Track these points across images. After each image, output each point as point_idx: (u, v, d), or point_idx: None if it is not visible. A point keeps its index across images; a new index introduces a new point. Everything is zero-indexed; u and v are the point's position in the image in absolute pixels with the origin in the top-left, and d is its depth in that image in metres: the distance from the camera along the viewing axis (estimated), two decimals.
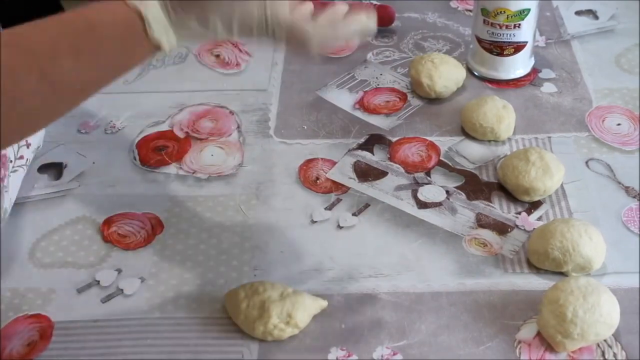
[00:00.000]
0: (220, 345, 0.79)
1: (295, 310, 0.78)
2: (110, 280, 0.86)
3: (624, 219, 0.90)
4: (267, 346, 0.79)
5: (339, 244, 0.89)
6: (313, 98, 1.08)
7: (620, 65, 1.12)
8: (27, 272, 0.87)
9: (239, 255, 0.88)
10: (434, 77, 1.05)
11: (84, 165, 1.00)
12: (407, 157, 0.99)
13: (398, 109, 1.06)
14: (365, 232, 0.90)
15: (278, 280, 0.84)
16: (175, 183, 0.97)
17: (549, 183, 0.90)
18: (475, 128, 1.00)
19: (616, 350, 0.77)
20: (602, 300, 0.76)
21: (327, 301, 0.82)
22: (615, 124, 1.02)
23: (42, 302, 0.84)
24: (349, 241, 0.89)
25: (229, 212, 0.93)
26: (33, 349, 0.79)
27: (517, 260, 0.86)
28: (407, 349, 0.78)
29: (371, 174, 0.97)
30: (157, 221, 0.92)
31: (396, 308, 0.82)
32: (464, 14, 1.23)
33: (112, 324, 0.82)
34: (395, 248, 0.88)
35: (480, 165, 0.98)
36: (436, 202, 0.93)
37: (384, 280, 0.85)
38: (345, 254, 0.88)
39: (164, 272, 0.87)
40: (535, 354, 0.77)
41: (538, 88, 1.09)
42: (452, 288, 0.83)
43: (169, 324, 0.81)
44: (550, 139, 1.00)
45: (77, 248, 0.89)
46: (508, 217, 0.91)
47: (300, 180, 0.96)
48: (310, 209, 0.93)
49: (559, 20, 1.20)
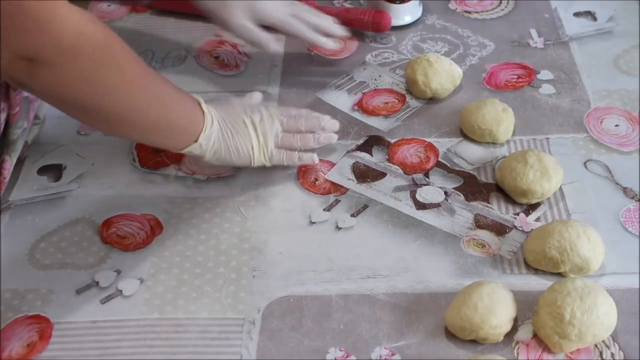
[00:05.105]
0: (219, 346, 0.80)
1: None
2: (110, 281, 0.86)
3: (622, 220, 0.90)
4: (265, 347, 0.79)
5: (338, 245, 0.89)
6: (312, 99, 1.09)
7: (618, 66, 1.12)
8: (26, 273, 0.87)
9: (238, 256, 0.88)
10: (429, 74, 1.05)
11: (83, 166, 1.00)
12: (405, 159, 0.99)
13: (397, 110, 1.07)
14: (364, 233, 0.90)
15: (276, 281, 0.85)
16: (175, 184, 0.97)
17: (546, 186, 0.91)
18: (473, 130, 1.00)
19: (614, 350, 0.77)
20: (599, 302, 0.76)
21: (326, 302, 0.82)
22: (613, 125, 1.02)
23: (41, 303, 0.84)
24: (347, 242, 0.89)
25: (227, 213, 0.93)
26: (32, 350, 0.80)
27: (515, 261, 0.86)
28: (405, 349, 0.78)
29: (370, 175, 0.97)
30: (156, 222, 0.92)
31: (394, 309, 0.82)
32: (463, 15, 1.23)
33: (111, 324, 0.82)
34: (394, 249, 0.88)
35: (478, 167, 0.98)
36: (435, 203, 0.93)
37: (383, 281, 0.85)
38: (343, 255, 0.88)
39: (162, 273, 0.87)
40: (533, 354, 0.77)
41: (536, 89, 1.09)
42: (450, 289, 0.83)
43: (168, 325, 0.82)
44: (548, 140, 1.01)
45: (76, 249, 0.90)
46: (506, 218, 0.91)
47: (299, 182, 0.97)
48: (308, 210, 0.93)
49: (558, 22, 1.21)
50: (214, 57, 1.17)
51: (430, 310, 0.82)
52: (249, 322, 0.82)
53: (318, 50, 1.16)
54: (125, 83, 0.78)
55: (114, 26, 1.23)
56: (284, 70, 1.14)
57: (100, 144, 1.03)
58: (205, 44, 1.19)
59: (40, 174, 0.99)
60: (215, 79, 1.13)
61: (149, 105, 0.82)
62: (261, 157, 0.92)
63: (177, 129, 0.87)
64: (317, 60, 1.16)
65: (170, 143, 0.89)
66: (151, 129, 0.85)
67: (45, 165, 1.00)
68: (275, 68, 1.15)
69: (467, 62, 1.14)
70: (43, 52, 0.70)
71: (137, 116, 0.82)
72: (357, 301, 0.83)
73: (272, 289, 0.85)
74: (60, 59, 0.71)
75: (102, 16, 1.26)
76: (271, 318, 0.82)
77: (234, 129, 0.90)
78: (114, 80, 0.77)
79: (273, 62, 1.16)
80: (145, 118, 0.83)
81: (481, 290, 0.78)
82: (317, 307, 0.83)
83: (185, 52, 1.18)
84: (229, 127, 0.90)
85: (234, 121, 0.91)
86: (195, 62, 1.17)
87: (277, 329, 0.81)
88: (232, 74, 1.14)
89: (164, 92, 0.85)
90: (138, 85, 0.81)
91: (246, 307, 0.83)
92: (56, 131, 1.03)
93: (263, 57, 1.16)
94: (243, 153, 0.91)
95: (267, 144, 0.92)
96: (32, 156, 1.00)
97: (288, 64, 1.15)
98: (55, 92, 0.75)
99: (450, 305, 0.80)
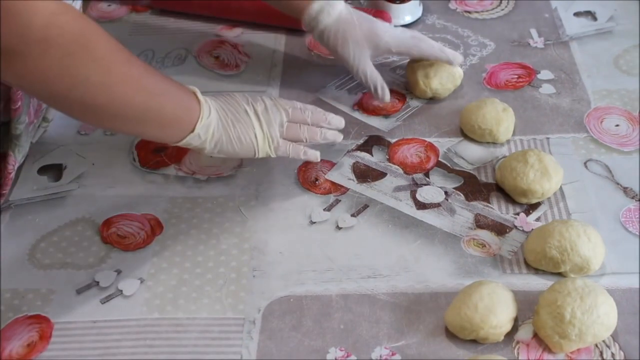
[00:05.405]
0: (219, 346, 0.80)
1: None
2: (110, 281, 0.86)
3: (622, 220, 0.90)
4: (265, 346, 0.79)
5: (338, 245, 0.89)
6: (312, 99, 1.09)
7: (618, 66, 1.12)
8: (26, 273, 0.87)
9: (238, 256, 0.88)
10: (430, 73, 1.05)
11: (83, 166, 1.00)
12: (405, 158, 0.99)
13: (397, 110, 1.07)
14: (364, 233, 0.90)
15: (276, 281, 0.85)
16: (175, 184, 0.97)
17: (546, 185, 0.91)
18: (473, 130, 1.00)
19: (614, 350, 0.77)
20: (600, 302, 0.76)
21: (326, 302, 0.82)
22: (613, 125, 1.02)
23: (41, 303, 0.84)
24: (347, 242, 0.89)
25: (228, 213, 0.93)
26: (32, 350, 0.80)
27: (515, 261, 0.86)
28: (405, 349, 0.78)
29: (370, 175, 0.97)
30: (156, 222, 0.92)
31: (395, 308, 0.82)
32: (463, 15, 1.23)
33: (111, 324, 0.82)
34: (394, 249, 0.88)
35: (478, 167, 0.98)
36: (435, 203, 0.93)
37: (383, 280, 0.85)
38: (344, 255, 0.88)
39: (163, 273, 0.87)
40: (533, 354, 0.77)
41: (537, 89, 1.09)
42: (450, 289, 0.83)
43: (168, 325, 0.82)
44: (548, 140, 1.01)
45: (76, 249, 0.90)
46: (506, 218, 0.91)
47: (299, 181, 0.97)
48: (309, 210, 0.93)
49: (558, 22, 1.21)
50: (214, 57, 1.17)
51: (431, 310, 0.82)
52: (249, 321, 0.82)
53: (319, 50, 1.16)
54: (103, 74, 0.76)
55: (114, 26, 1.23)
56: (284, 70, 1.14)
57: (100, 143, 1.03)
58: (205, 44, 1.19)
59: (41, 173, 0.99)
60: (215, 78, 1.13)
61: (132, 95, 0.79)
62: (266, 146, 0.90)
63: (168, 118, 0.84)
64: (317, 60, 1.16)
65: (165, 134, 0.86)
66: (140, 120, 0.82)
67: (45, 165, 1.00)
68: (275, 68, 1.15)
69: (467, 62, 1.14)
70: (13, 44, 0.69)
71: (120, 107, 0.79)
72: (358, 301, 0.83)
73: (273, 289, 0.85)
74: (30, 50, 0.70)
75: (102, 16, 1.26)
76: (271, 318, 0.82)
77: (235, 118, 0.89)
78: (89, 71, 0.75)
79: (273, 62, 1.16)
80: (130, 108, 0.80)
81: (481, 290, 0.78)
82: (317, 307, 0.83)
83: (185, 52, 1.18)
84: (229, 116, 0.88)
85: (234, 110, 0.89)
86: (195, 62, 1.17)
87: (278, 328, 0.81)
88: (232, 74, 1.14)
89: (150, 82, 0.82)
90: (118, 75, 0.78)
91: (246, 307, 0.83)
92: (56, 131, 1.03)
93: (263, 57, 1.16)
94: (246, 143, 0.89)
95: (272, 133, 0.90)
96: (32, 156, 1.00)
97: (288, 64, 1.15)
98: (30, 84, 0.75)
99: (451, 305, 0.80)
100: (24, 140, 0.92)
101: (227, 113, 0.88)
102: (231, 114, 0.89)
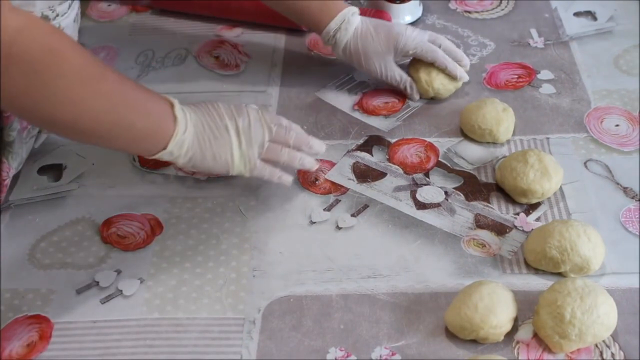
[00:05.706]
0: (219, 346, 0.80)
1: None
2: (110, 281, 0.86)
3: (622, 220, 0.90)
4: (265, 346, 0.79)
5: (338, 245, 0.89)
6: (312, 99, 1.09)
7: (618, 66, 1.12)
8: (26, 273, 0.87)
9: (238, 256, 0.88)
10: (432, 73, 1.05)
11: (83, 166, 1.00)
12: (405, 158, 0.99)
13: (397, 110, 1.07)
14: (364, 233, 0.90)
15: (276, 281, 0.85)
16: (175, 184, 0.97)
17: (546, 185, 0.91)
18: (473, 130, 1.00)
19: (614, 350, 0.77)
20: (600, 302, 0.76)
21: (326, 302, 0.82)
22: (613, 125, 1.02)
23: (41, 303, 0.84)
24: (347, 242, 0.89)
25: (228, 213, 0.93)
26: (32, 350, 0.80)
27: (515, 261, 0.86)
28: (405, 349, 0.78)
29: (370, 175, 0.97)
30: (156, 222, 0.92)
31: (395, 308, 0.82)
32: (463, 15, 1.23)
33: (111, 324, 0.82)
34: (394, 249, 0.88)
35: (478, 167, 0.98)
36: (435, 203, 0.93)
37: (383, 280, 0.85)
38: (344, 255, 0.88)
39: (163, 273, 0.87)
40: (533, 354, 0.77)
41: (537, 89, 1.09)
42: (450, 288, 0.83)
43: (168, 325, 0.82)
44: (548, 140, 1.01)
45: (76, 249, 0.90)
46: (506, 218, 0.91)
47: (299, 181, 0.97)
48: (309, 210, 0.93)
49: (558, 22, 1.21)
50: (214, 57, 1.17)
51: (431, 310, 0.82)
52: (249, 321, 0.82)
53: (319, 50, 1.16)
54: (70, 90, 0.74)
55: (114, 26, 1.23)
56: (284, 70, 1.14)
57: None
58: (205, 44, 1.19)
59: (40, 174, 0.99)
60: (215, 78, 1.13)
61: (101, 111, 0.77)
62: (241, 166, 0.88)
63: (139, 134, 0.81)
64: (317, 60, 1.16)
65: (136, 149, 0.87)
66: (109, 136, 0.80)
67: (45, 165, 1.00)
68: (275, 68, 1.15)
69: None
70: None
71: (88, 123, 0.77)
72: (358, 301, 0.83)
73: (273, 289, 0.85)
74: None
75: (102, 16, 1.26)
76: (271, 318, 0.82)
77: (213, 135, 0.85)
78: (55, 87, 0.73)
79: (273, 61, 1.16)
80: (98, 124, 0.78)
81: (481, 290, 0.78)
82: (317, 307, 0.83)
83: (185, 52, 1.18)
84: (206, 132, 0.85)
85: (214, 126, 0.86)
86: (195, 62, 1.17)
87: (278, 328, 0.81)
88: (232, 73, 1.14)
89: (121, 98, 0.80)
90: (87, 91, 0.76)
91: (246, 307, 0.83)
92: None
93: (263, 57, 1.16)
94: (221, 161, 0.86)
95: (250, 154, 0.88)
96: (32, 156, 1.00)
97: (288, 63, 1.15)
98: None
99: (451, 305, 0.80)
100: (17, 146, 0.92)
101: (205, 128, 0.85)
102: (209, 129, 0.85)
